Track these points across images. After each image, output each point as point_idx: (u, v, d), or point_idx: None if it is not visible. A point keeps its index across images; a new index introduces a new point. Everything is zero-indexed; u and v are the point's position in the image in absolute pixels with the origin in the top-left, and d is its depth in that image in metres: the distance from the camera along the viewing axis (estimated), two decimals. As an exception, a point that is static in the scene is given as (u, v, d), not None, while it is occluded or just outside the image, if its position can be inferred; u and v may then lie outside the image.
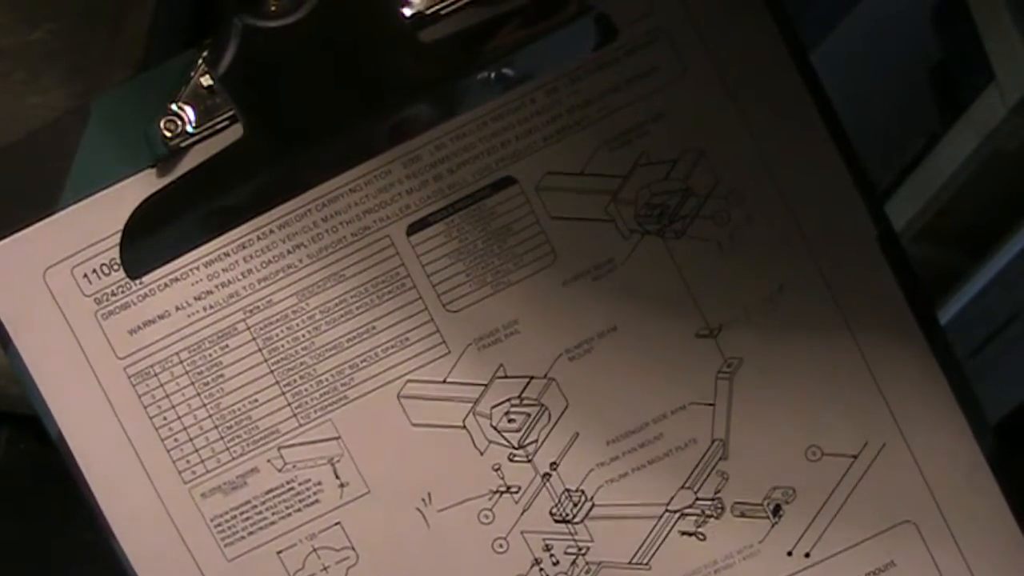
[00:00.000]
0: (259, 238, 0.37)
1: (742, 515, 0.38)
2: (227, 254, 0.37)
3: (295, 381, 0.38)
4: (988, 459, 0.37)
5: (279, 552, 0.39)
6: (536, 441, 0.38)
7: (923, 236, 0.63)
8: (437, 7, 0.36)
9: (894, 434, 0.37)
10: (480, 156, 0.37)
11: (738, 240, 0.37)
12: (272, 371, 0.38)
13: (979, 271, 0.60)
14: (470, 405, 0.38)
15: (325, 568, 0.39)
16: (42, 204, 0.37)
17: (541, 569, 0.38)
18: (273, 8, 0.34)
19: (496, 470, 0.38)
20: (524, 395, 0.38)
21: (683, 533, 0.38)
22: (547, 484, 0.38)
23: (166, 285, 0.37)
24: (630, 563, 0.38)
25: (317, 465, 0.38)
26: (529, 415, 0.38)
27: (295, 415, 0.38)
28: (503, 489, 0.38)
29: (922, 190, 0.63)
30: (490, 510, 0.38)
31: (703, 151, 0.36)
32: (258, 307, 0.37)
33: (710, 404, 0.37)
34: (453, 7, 0.36)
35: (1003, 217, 0.59)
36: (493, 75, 0.36)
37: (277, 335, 0.38)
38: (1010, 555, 0.38)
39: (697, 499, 0.38)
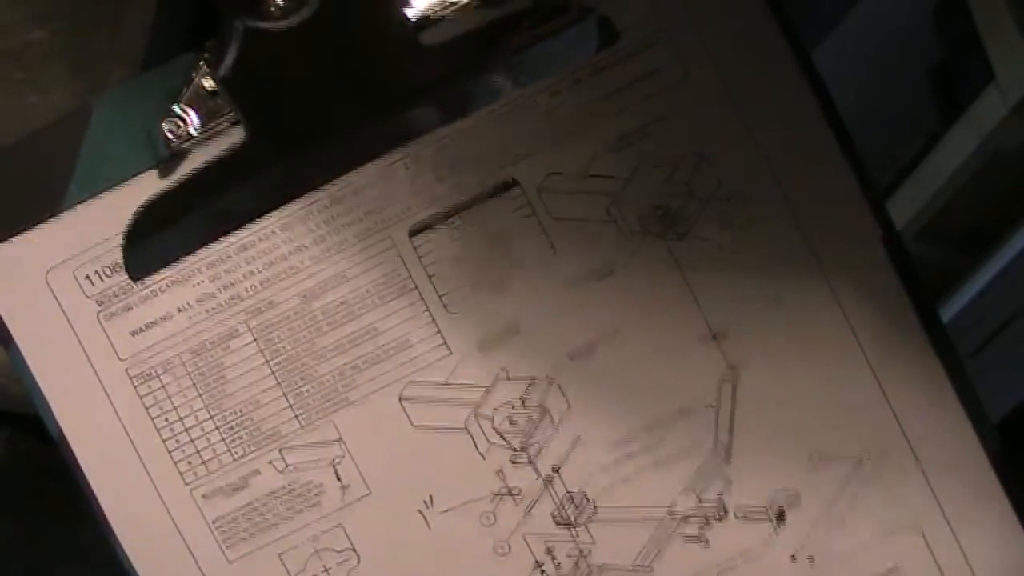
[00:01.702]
0: (261, 240, 0.37)
1: (745, 518, 0.38)
2: (229, 256, 0.37)
3: (297, 383, 0.38)
4: (992, 461, 0.37)
5: (280, 554, 0.39)
6: (538, 443, 0.38)
7: (923, 236, 0.63)
8: (439, 10, 0.35)
9: (898, 437, 0.37)
10: (482, 158, 0.37)
11: (740, 242, 0.37)
12: (274, 373, 0.38)
13: (979, 271, 0.60)
14: (472, 407, 0.38)
15: (327, 570, 0.39)
16: (44, 205, 0.37)
17: (543, 572, 0.38)
18: (274, 10, 0.34)
19: (498, 472, 0.38)
20: (526, 397, 0.38)
21: (685, 536, 0.38)
22: (549, 487, 0.38)
23: (168, 287, 0.37)
24: (632, 566, 0.38)
25: (319, 467, 0.38)
26: (531, 417, 0.38)
27: (297, 417, 0.38)
28: (505, 491, 0.38)
29: (922, 190, 0.63)
30: (492, 512, 0.38)
31: (705, 153, 0.36)
32: (260, 309, 0.37)
33: (713, 407, 0.37)
34: (455, 10, 0.35)
35: (1003, 217, 0.60)
36: (495, 78, 0.36)
37: (279, 337, 0.37)
38: (1014, 558, 0.38)
39: (700, 502, 0.38)
